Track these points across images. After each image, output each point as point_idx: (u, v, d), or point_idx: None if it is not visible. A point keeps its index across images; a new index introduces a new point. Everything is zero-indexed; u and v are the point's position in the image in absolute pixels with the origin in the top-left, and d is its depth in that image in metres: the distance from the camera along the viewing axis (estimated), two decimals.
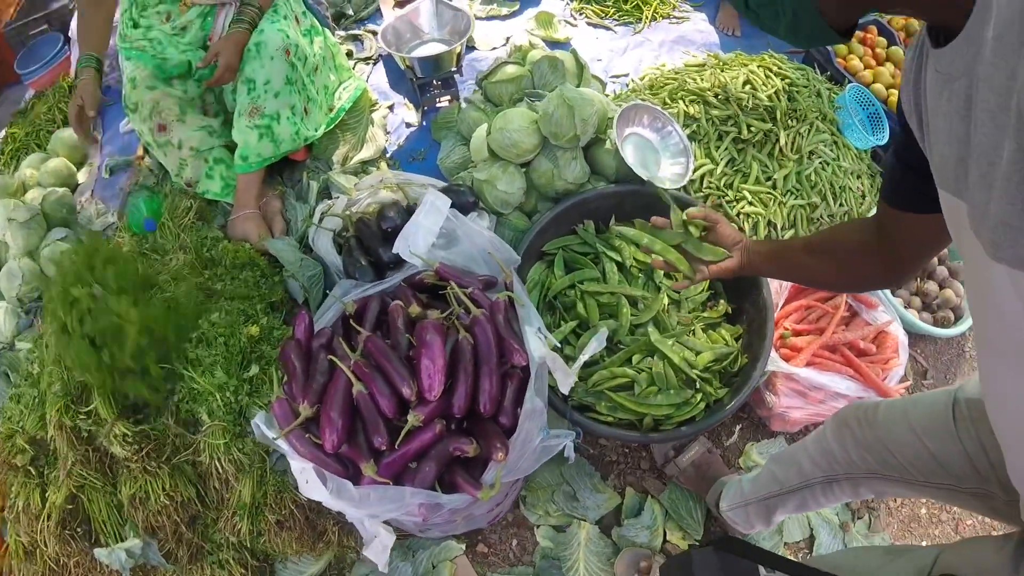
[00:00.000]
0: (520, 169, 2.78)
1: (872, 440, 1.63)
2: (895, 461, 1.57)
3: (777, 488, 1.99)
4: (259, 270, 2.64)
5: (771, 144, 3.05)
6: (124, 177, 3.43)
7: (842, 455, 1.72)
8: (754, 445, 2.71)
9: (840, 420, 1.76)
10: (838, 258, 1.66)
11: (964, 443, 1.41)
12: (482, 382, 1.99)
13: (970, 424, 1.41)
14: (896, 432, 1.57)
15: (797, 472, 1.90)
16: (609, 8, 4.17)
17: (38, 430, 2.35)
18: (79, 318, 2.19)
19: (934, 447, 1.47)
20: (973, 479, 1.42)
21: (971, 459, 1.40)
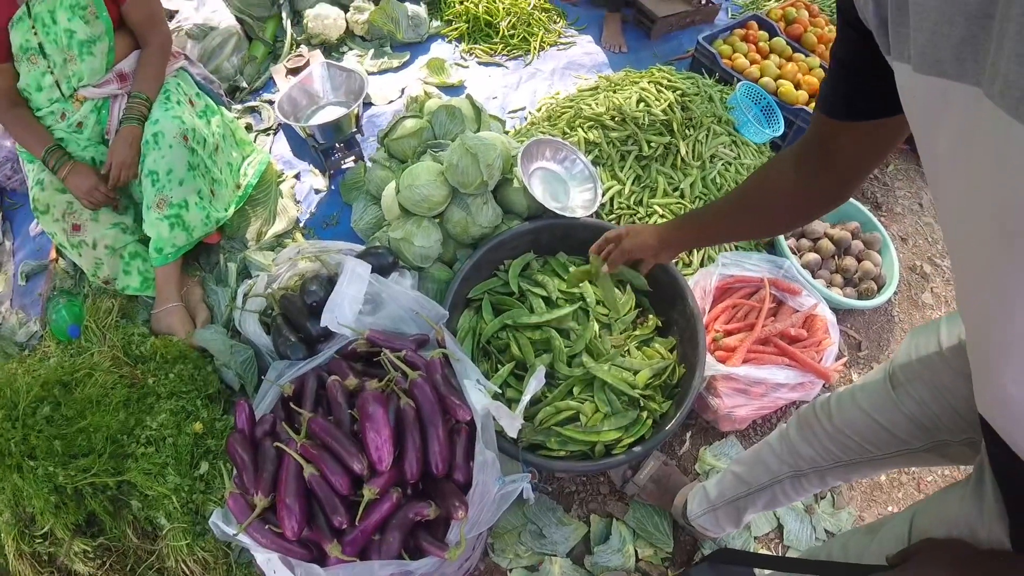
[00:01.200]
0: (434, 221, 2.81)
1: (832, 430, 1.70)
2: (854, 443, 1.65)
3: (745, 489, 2.03)
4: (191, 363, 2.61)
5: (673, 156, 3.15)
6: (40, 282, 3.36)
7: (807, 450, 1.79)
8: (707, 449, 2.75)
9: (802, 418, 1.83)
10: (775, 207, 1.60)
11: (905, 407, 1.49)
12: (430, 444, 2.00)
13: (906, 386, 1.49)
14: (850, 416, 1.64)
15: (764, 471, 1.95)
16: (497, 45, 4.26)
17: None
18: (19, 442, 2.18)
19: (883, 419, 1.55)
20: (922, 436, 1.50)
21: (914, 419, 1.49)
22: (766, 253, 3.05)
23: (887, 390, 1.54)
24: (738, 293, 2.90)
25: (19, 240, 3.71)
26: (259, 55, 4.18)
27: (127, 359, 2.62)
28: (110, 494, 2.26)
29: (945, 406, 1.43)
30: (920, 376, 1.46)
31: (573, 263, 2.78)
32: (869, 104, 1.19)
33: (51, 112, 2.76)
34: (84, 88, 2.74)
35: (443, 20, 4.52)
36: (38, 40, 2.62)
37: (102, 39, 2.70)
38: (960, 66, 0.76)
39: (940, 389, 1.43)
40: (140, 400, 2.42)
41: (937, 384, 1.43)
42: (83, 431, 2.26)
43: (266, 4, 4.28)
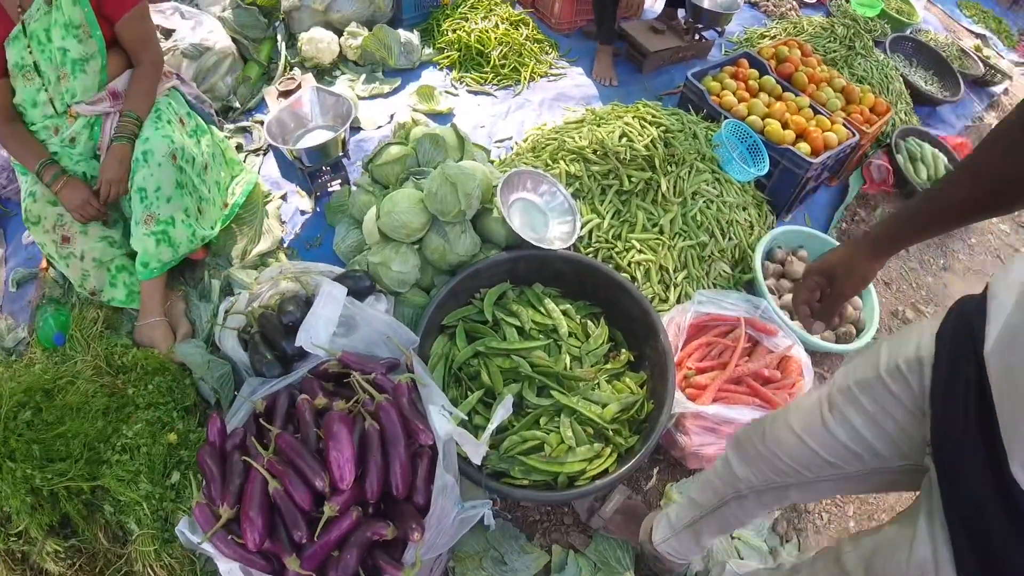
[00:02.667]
0: (412, 247, 2.86)
1: (765, 452, 1.71)
2: (785, 466, 1.66)
3: (699, 512, 2.07)
4: (170, 375, 2.65)
5: (653, 191, 3.20)
6: (31, 290, 3.40)
7: (743, 471, 1.82)
8: (673, 485, 2.77)
9: (736, 440, 1.87)
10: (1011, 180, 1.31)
11: (837, 431, 1.50)
12: (392, 466, 2.05)
13: (841, 409, 1.49)
14: (782, 438, 1.65)
15: (712, 493, 1.98)
16: (488, 74, 4.32)
17: None
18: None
19: (814, 442, 1.56)
20: (854, 462, 1.51)
21: (846, 445, 1.49)
22: (744, 292, 3.09)
23: (821, 412, 1.55)
24: (713, 331, 2.92)
25: (11, 247, 3.75)
26: (253, 76, 4.24)
27: (109, 369, 2.66)
28: (84, 498, 2.31)
29: (880, 432, 1.44)
30: (856, 401, 1.46)
31: (548, 294, 2.83)
32: None
33: (45, 127, 2.82)
34: (77, 105, 2.79)
35: (435, 48, 4.59)
36: (33, 58, 2.68)
37: (95, 58, 2.76)
38: None
39: (876, 414, 1.43)
40: (119, 409, 2.46)
41: (874, 409, 1.43)
42: (62, 436, 2.30)
43: (261, 26, 4.35)
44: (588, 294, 2.89)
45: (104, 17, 2.73)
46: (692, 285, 3.11)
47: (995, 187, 1.33)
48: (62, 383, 2.49)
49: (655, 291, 3.03)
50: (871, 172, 4.22)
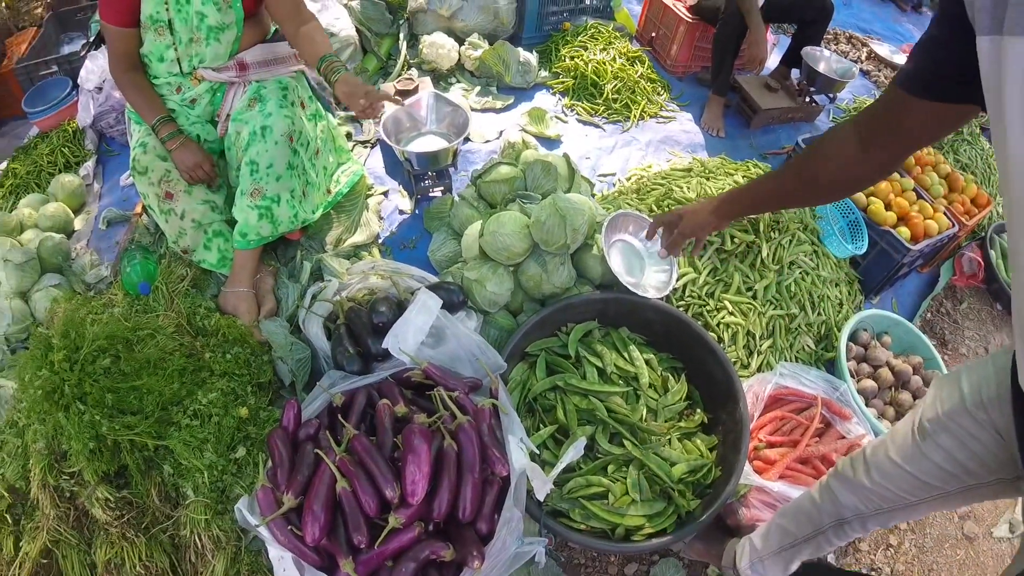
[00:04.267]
0: (509, 270, 2.87)
1: (869, 483, 1.79)
2: (891, 493, 1.76)
3: (791, 540, 2.10)
4: (249, 348, 2.68)
5: (753, 255, 3.17)
6: (120, 231, 3.46)
7: (849, 499, 1.87)
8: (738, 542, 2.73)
9: (840, 473, 1.91)
10: (831, 172, 1.72)
11: (933, 456, 1.61)
12: (463, 489, 2.04)
13: (932, 437, 1.60)
14: (884, 469, 1.75)
15: (808, 522, 2.02)
16: (599, 106, 4.31)
17: (19, 480, 2.37)
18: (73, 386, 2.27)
19: (913, 469, 1.66)
20: (952, 481, 1.62)
21: (942, 467, 1.60)
22: (825, 371, 3.04)
23: (915, 442, 1.64)
24: (789, 406, 2.87)
25: (108, 186, 3.84)
26: (371, 68, 4.29)
27: (189, 329, 2.70)
28: (146, 454, 2.34)
29: (971, 454, 1.55)
30: (946, 428, 1.57)
31: (634, 340, 2.81)
32: (943, 88, 1.33)
33: (167, 83, 2.87)
34: (204, 69, 2.84)
35: (551, 71, 4.60)
36: (169, 15, 2.71)
37: (231, 28, 2.79)
38: None
39: (965, 439, 1.54)
40: (194, 372, 2.49)
41: (961, 435, 1.55)
42: (136, 390, 2.33)
43: (386, 21, 4.41)
44: (673, 347, 2.86)
45: None
46: (775, 356, 3.07)
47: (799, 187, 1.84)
48: (143, 334, 2.52)
49: (739, 356, 2.99)
50: (962, 264, 4.13)
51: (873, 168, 1.64)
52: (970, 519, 3.00)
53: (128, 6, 2.69)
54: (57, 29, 4.99)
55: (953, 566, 2.86)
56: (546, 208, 2.74)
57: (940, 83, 1.35)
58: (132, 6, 2.70)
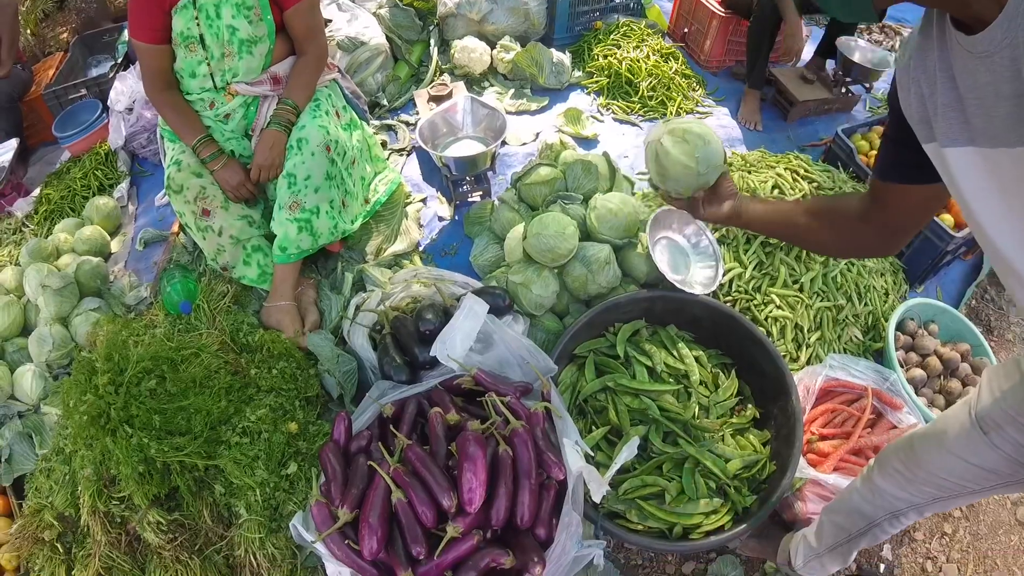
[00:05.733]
0: (554, 272, 2.85)
1: (923, 475, 1.75)
2: (950, 483, 1.71)
3: (845, 536, 2.07)
4: (295, 362, 2.67)
5: (799, 248, 3.10)
6: (158, 251, 3.49)
7: (901, 493, 1.83)
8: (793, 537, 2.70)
9: (884, 466, 1.87)
10: (836, 224, 1.83)
11: (1002, 449, 1.55)
12: (520, 495, 2.02)
13: (998, 431, 1.54)
14: (939, 461, 1.70)
15: (860, 517, 1.99)
16: (635, 104, 4.28)
17: (68, 508, 2.39)
18: (119, 409, 2.26)
19: (978, 460, 1.61)
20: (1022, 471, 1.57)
21: (1012, 458, 1.55)
22: (874, 361, 2.99)
23: (979, 436, 1.58)
24: (839, 398, 2.83)
25: (143, 206, 3.88)
26: (403, 76, 4.30)
27: (233, 346, 2.69)
28: (197, 475, 2.33)
29: None
30: (1012, 420, 1.51)
31: (682, 338, 2.78)
32: (906, 172, 1.51)
33: (200, 99, 2.88)
34: (237, 83, 2.84)
35: (585, 71, 4.57)
36: (200, 31, 2.72)
37: (263, 41, 2.80)
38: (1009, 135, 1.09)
39: None
40: (241, 389, 2.48)
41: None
42: (184, 410, 2.31)
43: (416, 28, 4.41)
44: (722, 343, 2.83)
45: (275, 2, 2.77)
46: (824, 348, 3.03)
47: (814, 233, 1.90)
48: (187, 354, 2.51)
49: (788, 349, 2.95)
50: None
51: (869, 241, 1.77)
52: (1023, 505, 2.95)
53: (158, 23, 2.71)
54: (84, 53, 5.06)
55: (1008, 552, 2.81)
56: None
57: (906, 169, 1.51)
58: (163, 23, 2.71)
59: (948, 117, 1.21)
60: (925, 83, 1.26)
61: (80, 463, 2.34)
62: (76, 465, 2.37)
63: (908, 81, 1.31)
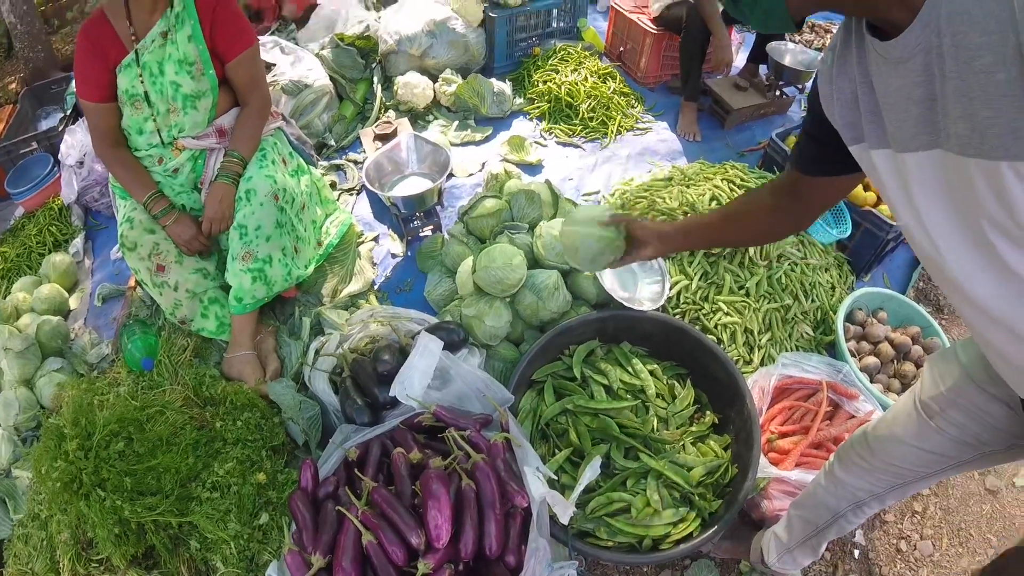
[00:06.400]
0: (506, 302, 2.90)
1: (880, 463, 1.83)
2: (905, 470, 1.79)
3: (813, 529, 2.14)
4: (259, 412, 2.69)
5: (741, 254, 3.20)
6: (117, 306, 3.49)
7: (861, 483, 1.91)
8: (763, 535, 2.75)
9: (844, 459, 1.95)
10: (751, 223, 1.99)
11: (947, 432, 1.64)
12: (487, 526, 2.06)
13: (942, 415, 1.63)
14: (893, 450, 1.79)
15: (825, 510, 2.06)
16: (576, 127, 4.35)
17: (48, 573, 2.41)
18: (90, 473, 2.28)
19: (928, 446, 1.70)
20: (969, 451, 1.66)
21: (958, 440, 1.64)
22: (826, 355, 3.07)
23: (924, 421, 1.67)
24: (795, 395, 2.90)
25: (99, 261, 3.88)
26: (348, 115, 4.35)
27: (197, 400, 2.71)
28: (172, 532, 2.35)
29: (985, 425, 1.58)
30: (954, 403, 1.60)
31: (636, 354, 2.84)
32: (828, 167, 1.60)
33: (149, 155, 2.90)
34: (184, 138, 2.87)
35: (526, 98, 4.64)
36: (144, 88, 2.75)
37: (207, 95, 2.84)
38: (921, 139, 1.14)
39: (975, 411, 1.57)
40: (207, 444, 2.51)
41: (971, 408, 1.58)
42: (153, 469, 2.34)
43: (359, 67, 4.46)
44: (675, 355, 2.89)
45: (217, 56, 2.81)
46: (776, 348, 3.10)
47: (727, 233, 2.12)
48: (151, 412, 2.53)
49: (740, 353, 3.02)
50: None
51: (784, 224, 1.93)
52: (991, 473, 3.02)
53: (104, 81, 2.74)
54: (33, 105, 5.05)
55: (981, 522, 2.88)
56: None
57: (828, 164, 1.60)
58: (108, 80, 2.74)
59: (870, 121, 1.28)
60: (848, 88, 1.31)
61: (56, 528, 2.36)
62: (53, 530, 2.39)
63: (830, 87, 1.37)
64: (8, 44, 6.14)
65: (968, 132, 1.03)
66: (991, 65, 0.96)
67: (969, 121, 1.02)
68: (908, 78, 1.11)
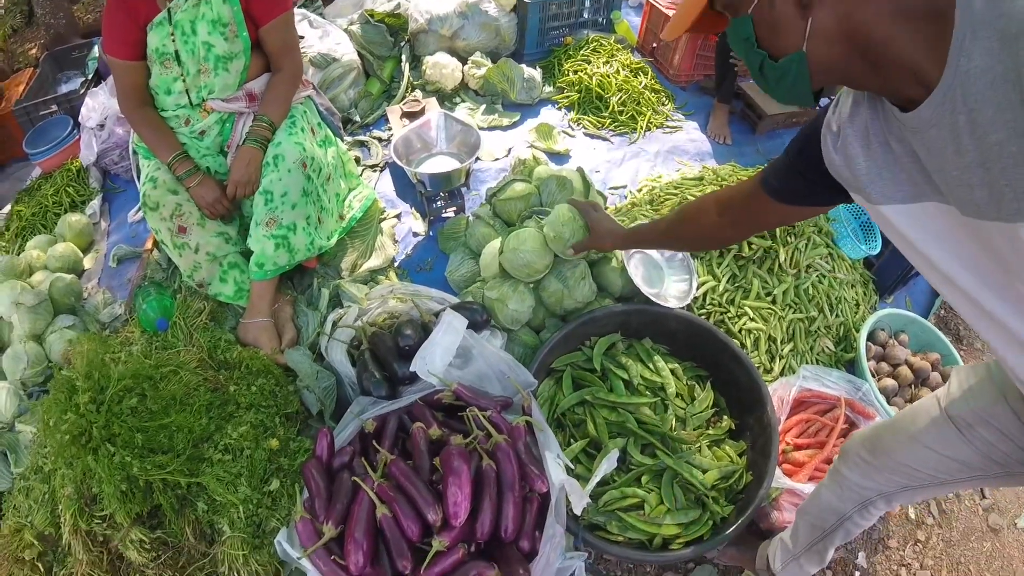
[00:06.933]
0: (530, 287, 2.87)
1: (891, 463, 1.82)
2: (922, 473, 1.77)
3: (819, 534, 2.13)
4: (274, 379, 2.66)
5: (771, 260, 3.17)
6: (132, 268, 3.47)
7: (868, 482, 1.90)
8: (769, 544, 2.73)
9: (847, 457, 1.95)
10: (689, 241, 2.36)
11: (976, 446, 1.62)
12: (505, 508, 2.04)
13: (972, 429, 1.62)
14: (911, 452, 1.77)
15: (831, 512, 2.05)
16: (605, 119, 4.31)
17: (48, 527, 2.37)
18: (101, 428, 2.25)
19: (951, 452, 1.68)
20: (995, 468, 1.64)
21: (986, 455, 1.62)
22: (846, 371, 3.04)
23: (954, 431, 1.65)
24: (813, 408, 2.88)
25: (115, 223, 3.85)
26: (375, 92, 4.32)
27: (211, 362, 2.69)
28: (179, 493, 2.31)
29: (1014, 448, 1.57)
30: (983, 422, 1.59)
31: (658, 351, 2.82)
32: (801, 199, 1.69)
33: (176, 115, 2.87)
34: (213, 100, 2.84)
35: (555, 87, 4.60)
36: (175, 47, 2.73)
37: (239, 57, 2.81)
38: (935, 195, 1.25)
39: (1008, 432, 1.56)
40: (221, 407, 2.48)
41: (1002, 429, 1.57)
42: (165, 428, 2.31)
43: (388, 44, 4.42)
44: (697, 356, 2.87)
45: (251, 19, 2.77)
46: (796, 359, 3.07)
47: (674, 240, 2.40)
48: (166, 371, 2.51)
49: (761, 361, 2.99)
50: None
51: (728, 238, 2.21)
52: (994, 511, 3.01)
53: (133, 39, 2.71)
54: (54, 69, 5.04)
55: (980, 558, 2.86)
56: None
57: (802, 197, 1.68)
58: (138, 39, 2.71)
59: (883, 176, 1.34)
60: (857, 143, 1.37)
61: (61, 482, 2.32)
62: (56, 484, 2.34)
63: (835, 140, 1.42)
64: (30, 10, 6.10)
65: (987, 199, 1.11)
66: (1004, 139, 1.04)
67: (988, 189, 1.10)
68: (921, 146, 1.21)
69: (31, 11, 6.08)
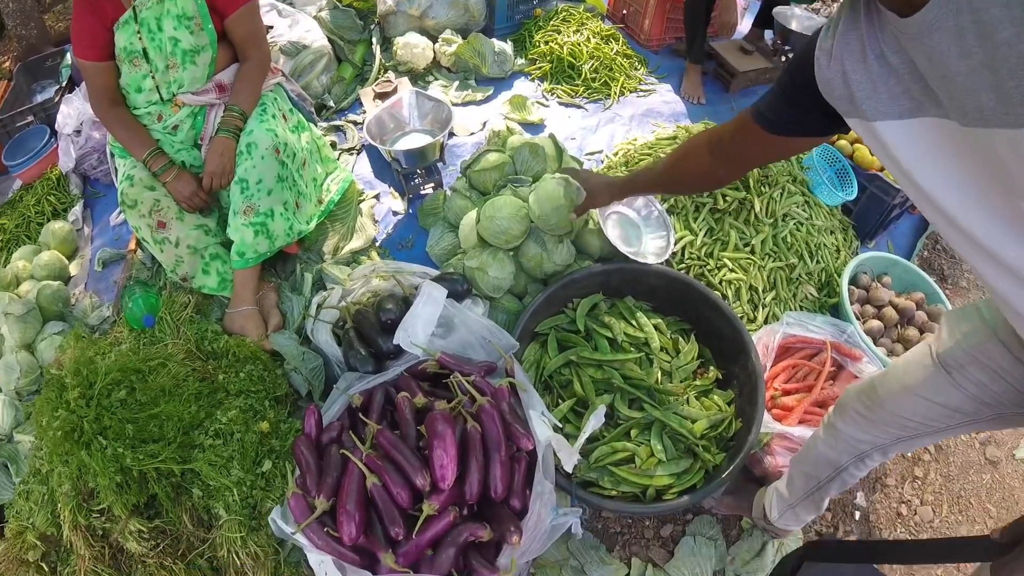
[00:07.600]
0: (509, 254, 2.88)
1: (885, 415, 1.81)
2: (915, 423, 1.76)
3: (815, 484, 2.13)
4: (261, 364, 2.68)
5: (747, 211, 3.19)
6: (117, 270, 3.46)
7: (863, 435, 1.89)
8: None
9: (843, 411, 1.94)
10: (684, 183, 2.35)
11: (966, 389, 1.62)
12: (492, 468, 2.06)
13: (962, 370, 1.61)
14: (903, 402, 1.76)
15: (827, 464, 2.05)
16: (579, 87, 4.32)
17: (49, 527, 2.39)
18: (92, 421, 2.27)
19: (942, 399, 1.67)
20: (986, 410, 1.63)
21: (977, 398, 1.62)
22: (830, 316, 3.05)
23: (943, 375, 1.65)
24: (799, 353, 2.90)
25: (98, 227, 3.85)
26: (347, 76, 4.31)
27: (199, 354, 2.70)
28: (173, 480, 2.34)
29: (1006, 387, 1.56)
30: (975, 361, 1.58)
31: (640, 308, 2.83)
32: (794, 128, 1.65)
33: (148, 112, 2.87)
34: (183, 94, 2.84)
35: (527, 58, 4.61)
36: (142, 45, 2.72)
37: (206, 50, 2.81)
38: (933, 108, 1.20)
39: (998, 371, 1.56)
40: (210, 395, 2.49)
41: (994, 367, 1.56)
42: (155, 418, 2.33)
43: (357, 28, 4.42)
44: (679, 310, 2.89)
45: (216, 11, 2.77)
46: (780, 307, 3.09)
47: (670, 182, 2.37)
48: (154, 364, 2.52)
49: (744, 311, 3.01)
50: None
51: (722, 176, 2.07)
52: (991, 443, 3.03)
53: (101, 40, 2.71)
54: (28, 79, 5.00)
55: (980, 491, 2.89)
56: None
57: (795, 126, 1.65)
58: (105, 39, 2.71)
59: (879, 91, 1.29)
60: (853, 59, 1.32)
61: (57, 480, 2.34)
62: (54, 483, 2.37)
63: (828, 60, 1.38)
64: (0, 24, 6.08)
65: (993, 103, 1.05)
66: (1013, 37, 0.98)
67: (995, 92, 1.04)
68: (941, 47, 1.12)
69: (1, 24, 6.05)
